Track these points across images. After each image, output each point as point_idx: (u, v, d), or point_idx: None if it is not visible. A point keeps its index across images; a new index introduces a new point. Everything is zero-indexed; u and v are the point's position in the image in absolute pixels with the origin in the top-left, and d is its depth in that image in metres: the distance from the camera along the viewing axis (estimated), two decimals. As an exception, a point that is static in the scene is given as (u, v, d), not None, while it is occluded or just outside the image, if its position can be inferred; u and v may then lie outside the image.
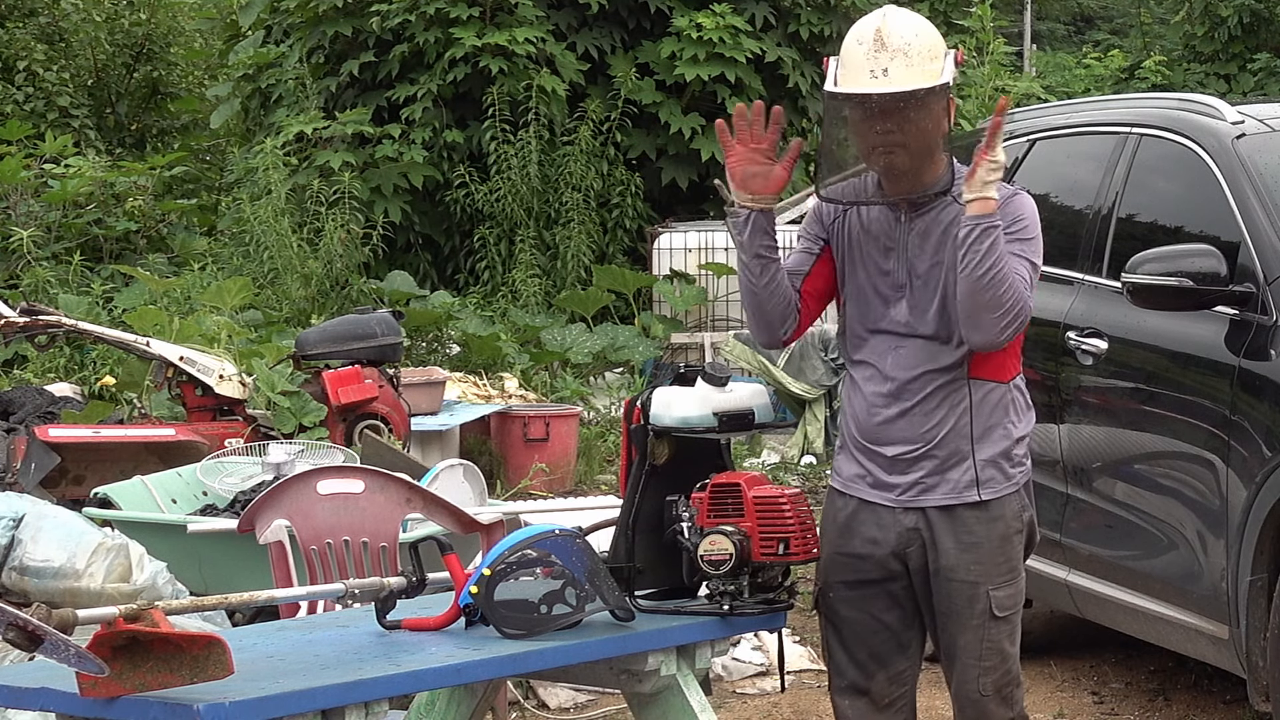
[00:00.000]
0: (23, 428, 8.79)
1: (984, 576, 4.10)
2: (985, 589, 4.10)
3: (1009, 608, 4.14)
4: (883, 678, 4.24)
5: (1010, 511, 4.13)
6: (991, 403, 4.11)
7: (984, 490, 4.10)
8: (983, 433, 4.11)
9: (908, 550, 4.15)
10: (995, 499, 4.11)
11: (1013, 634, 4.17)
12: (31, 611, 3.44)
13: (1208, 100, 6.09)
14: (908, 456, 4.13)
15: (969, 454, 4.10)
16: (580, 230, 14.01)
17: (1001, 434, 4.12)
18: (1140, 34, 25.95)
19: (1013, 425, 4.14)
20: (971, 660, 4.13)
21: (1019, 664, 4.20)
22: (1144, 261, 5.51)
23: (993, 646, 4.12)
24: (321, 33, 14.80)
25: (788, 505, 4.16)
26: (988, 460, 4.11)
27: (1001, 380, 4.12)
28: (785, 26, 15.12)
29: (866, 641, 4.23)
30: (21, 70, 16.34)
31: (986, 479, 4.11)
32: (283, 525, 5.25)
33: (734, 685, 6.65)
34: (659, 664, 4.12)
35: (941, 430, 4.09)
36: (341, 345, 9.46)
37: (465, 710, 4.39)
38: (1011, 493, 4.13)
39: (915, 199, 4.10)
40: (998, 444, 4.11)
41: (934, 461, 4.11)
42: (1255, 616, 5.17)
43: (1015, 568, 4.16)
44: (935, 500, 4.11)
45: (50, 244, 13.60)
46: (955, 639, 4.15)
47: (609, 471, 10.48)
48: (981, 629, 4.11)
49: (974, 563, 4.10)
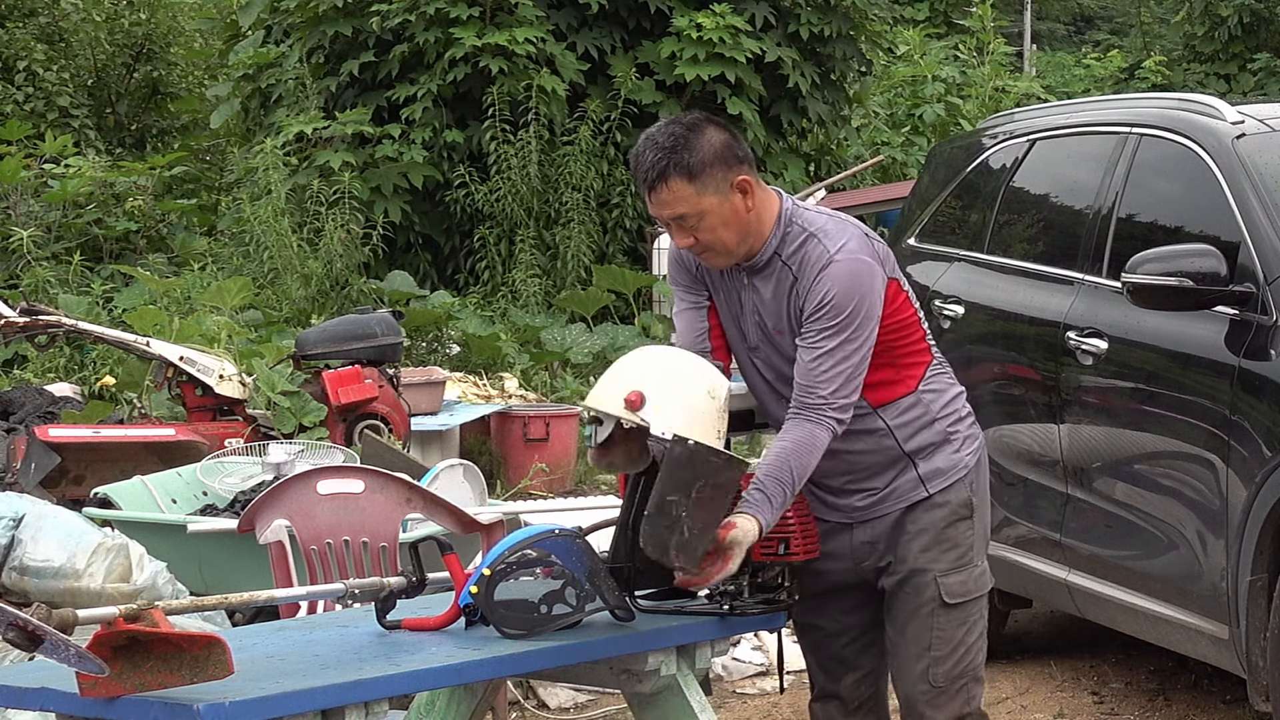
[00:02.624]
0: (23, 428, 8.79)
1: (931, 562, 4.08)
2: (933, 575, 4.07)
3: (960, 595, 4.09)
4: (850, 680, 4.25)
5: (957, 498, 4.11)
6: (909, 416, 4.08)
7: (931, 484, 4.10)
8: (913, 444, 4.09)
9: (864, 564, 4.17)
10: (940, 491, 4.10)
11: (969, 624, 4.11)
12: (31, 611, 3.44)
13: (1208, 100, 6.09)
14: (848, 487, 4.14)
15: (909, 466, 4.10)
16: (580, 230, 14.02)
17: (934, 432, 4.10)
18: (1140, 34, 25.98)
19: (940, 419, 4.10)
20: (919, 650, 4.08)
21: (979, 660, 4.14)
22: (1144, 261, 5.51)
23: (943, 635, 4.08)
24: (321, 33, 14.80)
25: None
26: (928, 458, 4.10)
27: (907, 392, 4.08)
28: (785, 26, 15.12)
29: (829, 645, 4.26)
30: (21, 70, 16.34)
31: (932, 473, 4.10)
32: (283, 525, 5.25)
33: (734, 685, 6.65)
34: (659, 664, 4.12)
35: (869, 459, 4.09)
36: (341, 345, 9.46)
37: (465, 710, 4.38)
38: (959, 479, 4.11)
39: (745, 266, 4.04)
40: (933, 442, 4.10)
41: (875, 483, 4.11)
42: (1255, 616, 5.17)
43: (965, 553, 4.11)
44: (889, 509, 4.11)
45: (50, 244, 13.60)
46: (904, 630, 4.11)
47: (609, 471, 10.47)
48: (930, 617, 4.07)
49: (920, 550, 4.08)
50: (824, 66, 15.46)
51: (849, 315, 3.90)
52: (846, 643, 4.24)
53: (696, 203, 3.92)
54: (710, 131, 3.94)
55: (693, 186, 3.90)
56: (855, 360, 3.91)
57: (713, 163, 3.90)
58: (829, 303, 3.90)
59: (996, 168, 7.04)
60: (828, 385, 3.91)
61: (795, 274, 3.97)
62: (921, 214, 7.42)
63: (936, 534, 4.08)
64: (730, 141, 3.95)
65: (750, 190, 3.94)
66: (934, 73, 17.27)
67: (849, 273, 3.91)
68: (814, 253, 3.94)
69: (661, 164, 3.90)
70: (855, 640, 4.24)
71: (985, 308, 6.66)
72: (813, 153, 15.92)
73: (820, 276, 3.92)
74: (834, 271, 3.91)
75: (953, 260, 7.01)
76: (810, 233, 3.97)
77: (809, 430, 3.92)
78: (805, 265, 3.95)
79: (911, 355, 4.08)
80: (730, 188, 3.92)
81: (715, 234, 3.96)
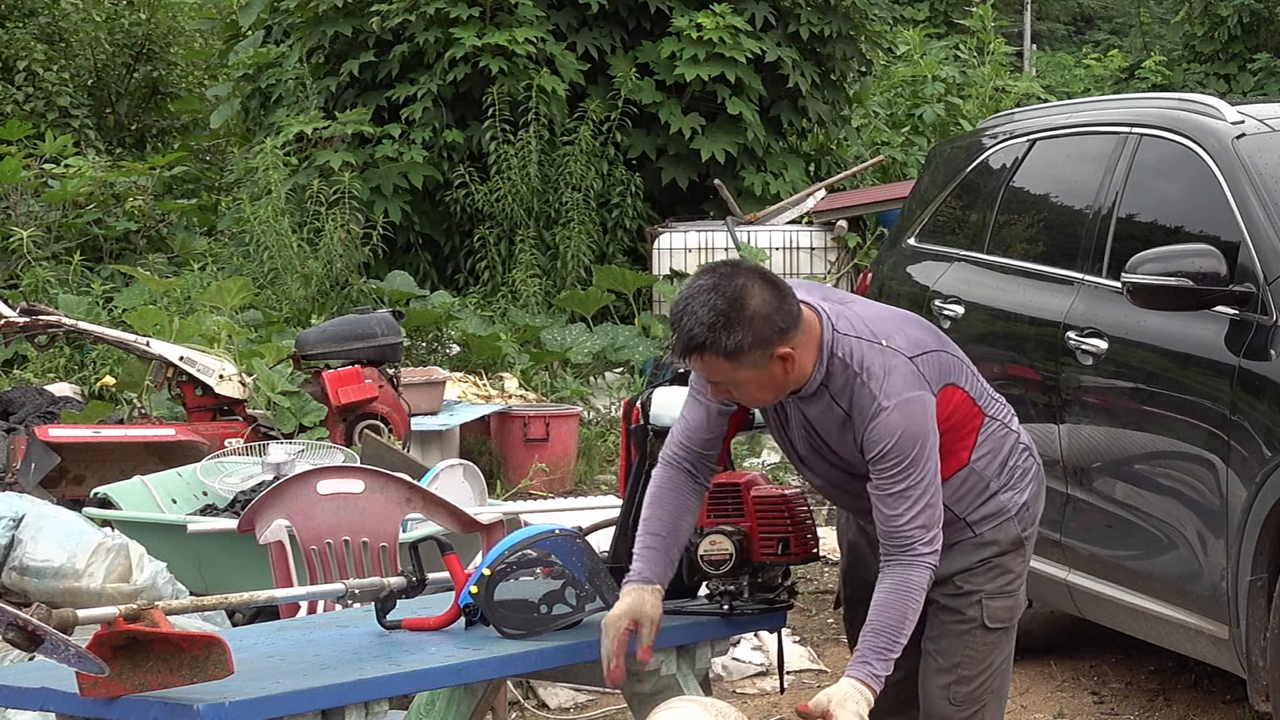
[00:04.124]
0: (23, 428, 8.79)
1: (979, 584, 4.09)
2: (980, 597, 4.09)
3: (1002, 620, 4.11)
4: (895, 678, 4.22)
5: (1006, 536, 4.12)
6: (964, 488, 4.07)
7: (978, 528, 4.10)
8: (968, 509, 4.08)
9: None
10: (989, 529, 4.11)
11: (1001, 651, 4.12)
12: (31, 611, 3.45)
13: (1208, 100, 6.09)
14: None
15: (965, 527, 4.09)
16: (580, 230, 14.01)
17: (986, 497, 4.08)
18: (1140, 34, 25.96)
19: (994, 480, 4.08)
20: (947, 664, 4.09)
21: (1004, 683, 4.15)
22: (1144, 261, 5.51)
23: (974, 656, 4.09)
24: (321, 33, 14.80)
25: (787, 505, 4.16)
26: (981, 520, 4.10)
27: (960, 467, 4.05)
28: (785, 26, 15.11)
29: None
30: (21, 70, 16.33)
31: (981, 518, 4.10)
32: (283, 525, 5.25)
33: (734, 685, 6.65)
34: (659, 664, 4.12)
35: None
36: (341, 345, 9.46)
37: (465, 710, 4.39)
38: (1007, 519, 4.11)
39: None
40: (987, 506, 4.09)
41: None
42: (1255, 616, 5.17)
43: (1013, 581, 4.13)
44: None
45: (50, 244, 13.59)
46: (938, 641, 4.11)
47: (609, 471, 10.48)
48: (968, 635, 4.09)
49: (969, 573, 4.09)
50: (824, 66, 15.45)
51: (912, 458, 3.86)
52: None
53: (733, 375, 3.86)
54: (754, 304, 3.80)
55: (729, 364, 3.82)
56: (928, 491, 3.88)
57: (752, 345, 3.80)
58: (889, 451, 3.86)
59: (996, 168, 7.04)
60: (910, 526, 3.88)
61: (848, 412, 3.91)
62: (921, 214, 7.42)
63: (986, 561, 4.09)
64: (773, 313, 3.82)
65: (791, 359, 3.86)
66: (934, 73, 17.25)
67: (902, 417, 3.86)
68: (862, 399, 3.88)
69: (699, 340, 3.80)
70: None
71: (985, 308, 6.65)
72: (813, 153, 15.91)
73: (873, 426, 3.87)
74: (888, 421, 3.86)
75: (953, 260, 7.01)
76: (855, 372, 3.90)
77: (902, 575, 3.89)
78: (856, 408, 3.90)
79: (963, 431, 4.04)
80: (769, 361, 3.84)
81: (751, 395, 3.94)
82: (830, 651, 6.99)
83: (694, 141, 14.64)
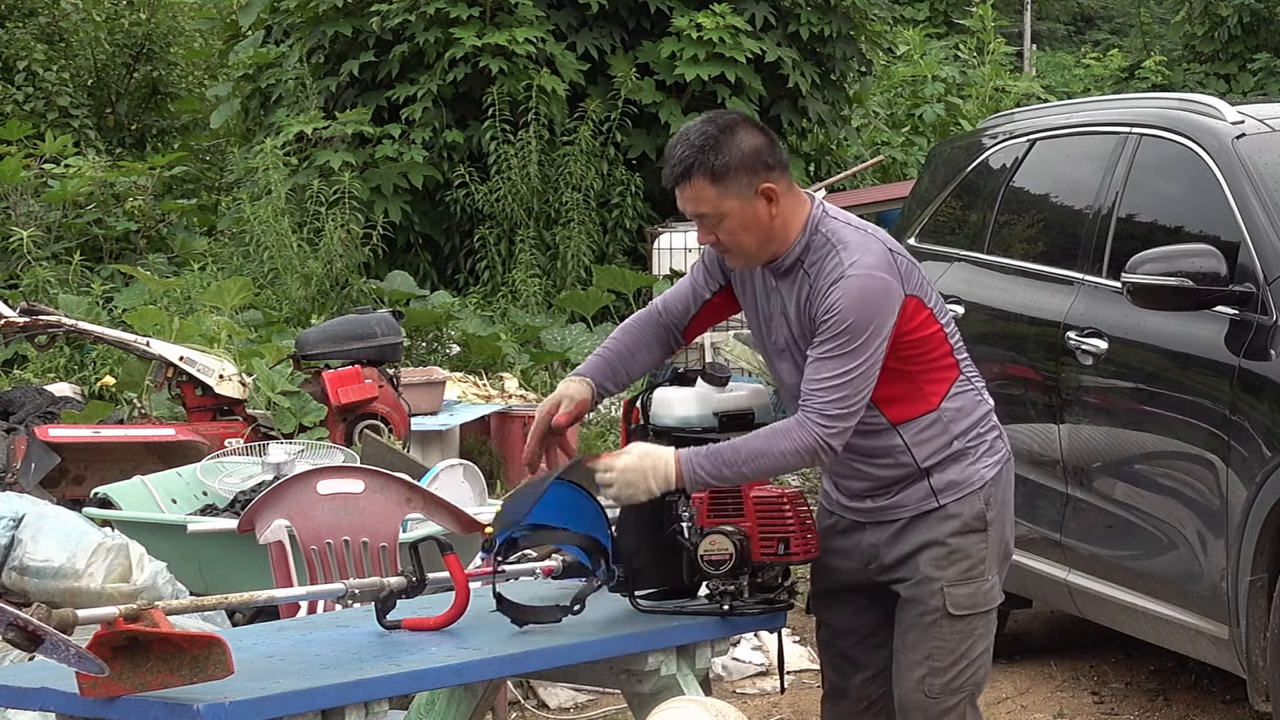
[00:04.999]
0: (23, 428, 8.79)
1: (939, 572, 4.07)
2: (940, 585, 4.07)
3: (966, 607, 4.08)
4: (858, 679, 4.26)
5: (969, 510, 4.10)
6: (928, 433, 4.07)
7: (943, 496, 4.09)
8: (930, 459, 4.08)
9: (869, 566, 4.18)
10: (953, 501, 4.10)
11: (973, 638, 4.09)
12: (31, 611, 3.44)
13: (1208, 100, 6.09)
14: (865, 493, 4.15)
15: (923, 478, 4.09)
16: (580, 230, 14.01)
17: (951, 449, 4.08)
18: (1140, 34, 25.97)
19: (960, 438, 4.08)
20: (918, 659, 4.08)
21: (980, 676, 4.13)
22: (1144, 261, 5.51)
23: (944, 646, 4.07)
24: (321, 33, 14.80)
25: (787, 505, 4.16)
26: (943, 471, 4.09)
27: (929, 410, 4.06)
28: (785, 26, 15.11)
29: (841, 643, 4.28)
30: (21, 70, 16.33)
31: (945, 485, 4.09)
32: (283, 525, 5.25)
33: (734, 685, 6.65)
34: (659, 664, 4.12)
35: (887, 474, 4.10)
36: (341, 345, 9.46)
37: (465, 710, 4.39)
38: (973, 491, 4.10)
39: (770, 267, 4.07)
40: (951, 458, 4.09)
41: (888, 494, 4.12)
42: (1255, 616, 5.17)
43: (975, 566, 4.10)
44: (897, 515, 4.12)
45: (50, 244, 13.59)
46: (905, 635, 4.11)
47: (609, 471, 10.47)
48: (933, 626, 4.07)
49: (930, 559, 4.08)
50: (824, 66, 15.45)
51: (852, 329, 3.88)
52: (855, 642, 4.25)
53: (718, 204, 3.95)
54: (743, 135, 3.95)
55: (715, 189, 3.93)
56: (854, 376, 3.88)
57: (739, 168, 3.92)
58: (834, 315, 3.89)
59: (996, 168, 7.04)
60: (820, 395, 3.90)
61: (812, 283, 3.96)
62: (921, 214, 7.43)
63: (946, 544, 4.08)
64: (762, 147, 3.95)
65: (775, 198, 3.95)
66: (934, 73, 17.26)
67: (860, 288, 3.89)
68: (830, 264, 3.93)
69: (688, 161, 3.94)
70: (864, 640, 4.24)
71: (985, 308, 6.66)
72: (813, 153, 15.91)
73: (831, 289, 3.90)
74: (845, 285, 3.89)
75: (953, 260, 7.02)
76: (832, 244, 3.96)
77: (786, 426, 3.94)
78: (821, 275, 3.94)
79: (934, 371, 4.06)
80: (755, 193, 3.93)
81: (735, 237, 3.99)
82: (830, 651, 6.98)
83: (694, 141, 14.62)
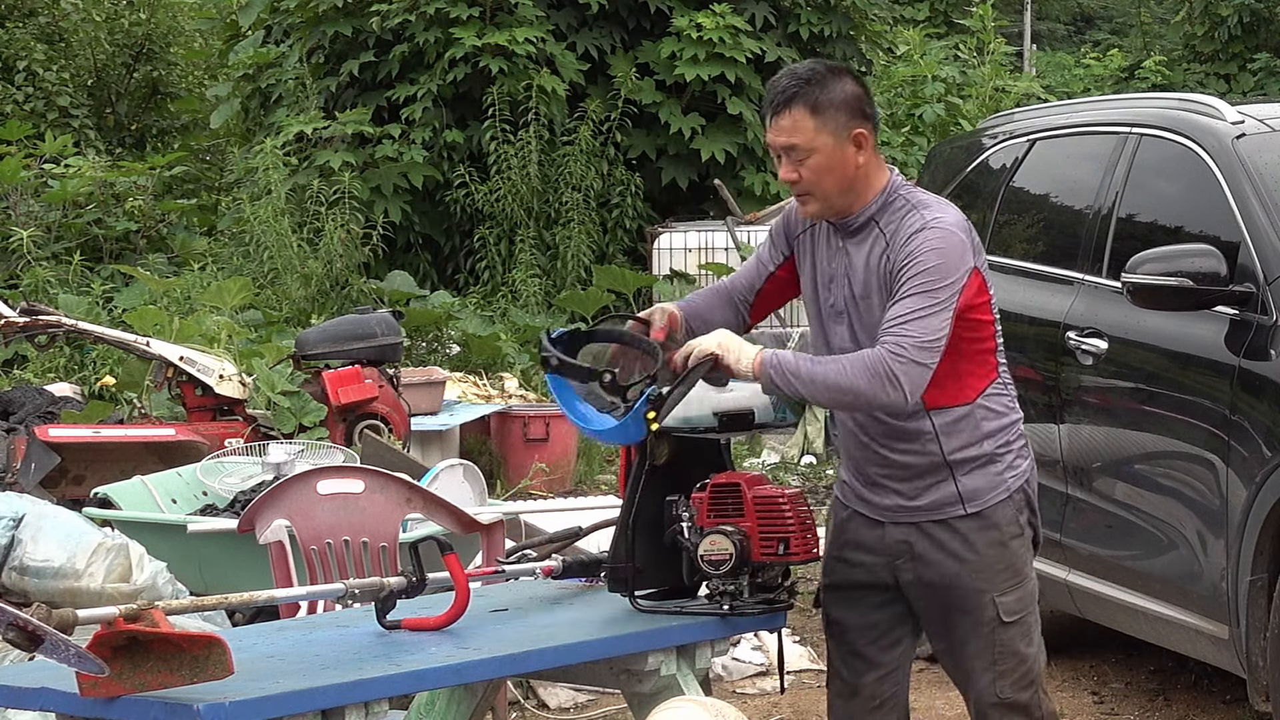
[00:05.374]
0: (23, 428, 8.79)
1: (988, 584, 4.08)
2: (990, 596, 4.09)
3: (1018, 610, 4.12)
4: (872, 677, 4.24)
5: (1004, 518, 4.10)
6: (959, 426, 4.07)
7: (970, 504, 4.09)
8: (956, 454, 4.07)
9: (897, 563, 4.15)
10: (985, 509, 4.09)
11: (1026, 634, 4.14)
12: (31, 611, 3.44)
13: (1208, 100, 6.09)
14: (885, 481, 4.14)
15: (948, 476, 4.08)
16: (580, 230, 14.02)
17: (979, 450, 4.08)
18: (1140, 34, 25.97)
19: (989, 439, 4.09)
20: (985, 666, 4.11)
21: (1040, 662, 4.18)
22: (1144, 261, 5.51)
23: (1005, 649, 4.11)
24: (321, 33, 14.80)
25: (788, 505, 4.16)
26: (969, 474, 4.08)
27: (965, 402, 4.07)
28: (785, 26, 15.12)
29: (854, 641, 4.25)
30: (21, 70, 16.34)
31: (971, 493, 4.09)
32: (283, 525, 5.25)
33: (734, 685, 6.65)
34: (659, 664, 4.12)
35: (910, 460, 4.09)
36: (341, 345, 9.46)
37: (465, 710, 4.39)
38: (1002, 499, 4.10)
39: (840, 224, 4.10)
40: (977, 459, 4.08)
41: (911, 485, 4.11)
42: (1255, 616, 5.17)
43: (1019, 571, 4.13)
44: (922, 517, 4.11)
45: (50, 244, 13.60)
46: (965, 646, 4.13)
47: (609, 471, 10.48)
48: (992, 635, 4.10)
49: (974, 572, 4.08)
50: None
51: (936, 271, 3.92)
52: (870, 640, 4.24)
53: (812, 138, 4.00)
54: (848, 80, 4.05)
55: (814, 120, 3.99)
56: (934, 313, 3.91)
57: (839, 106, 4.00)
58: (919, 258, 3.94)
59: (996, 168, 7.04)
60: (900, 326, 3.90)
61: (888, 240, 4.01)
62: (921, 214, 7.42)
63: (991, 557, 4.09)
64: (862, 96, 4.05)
65: (864, 145, 4.03)
66: (934, 73, 17.26)
67: (943, 239, 3.96)
68: (910, 219, 4.00)
69: (792, 90, 4.00)
70: (879, 638, 4.23)
71: (985, 308, 6.65)
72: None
73: (914, 237, 3.97)
74: (928, 234, 3.96)
75: (953, 260, 7.00)
76: (911, 204, 4.04)
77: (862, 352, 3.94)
78: (900, 231, 4.00)
79: (977, 361, 4.07)
80: (848, 136, 4.00)
81: (819, 176, 4.02)
82: (830, 651, 6.98)
83: (694, 141, 14.64)
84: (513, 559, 4.45)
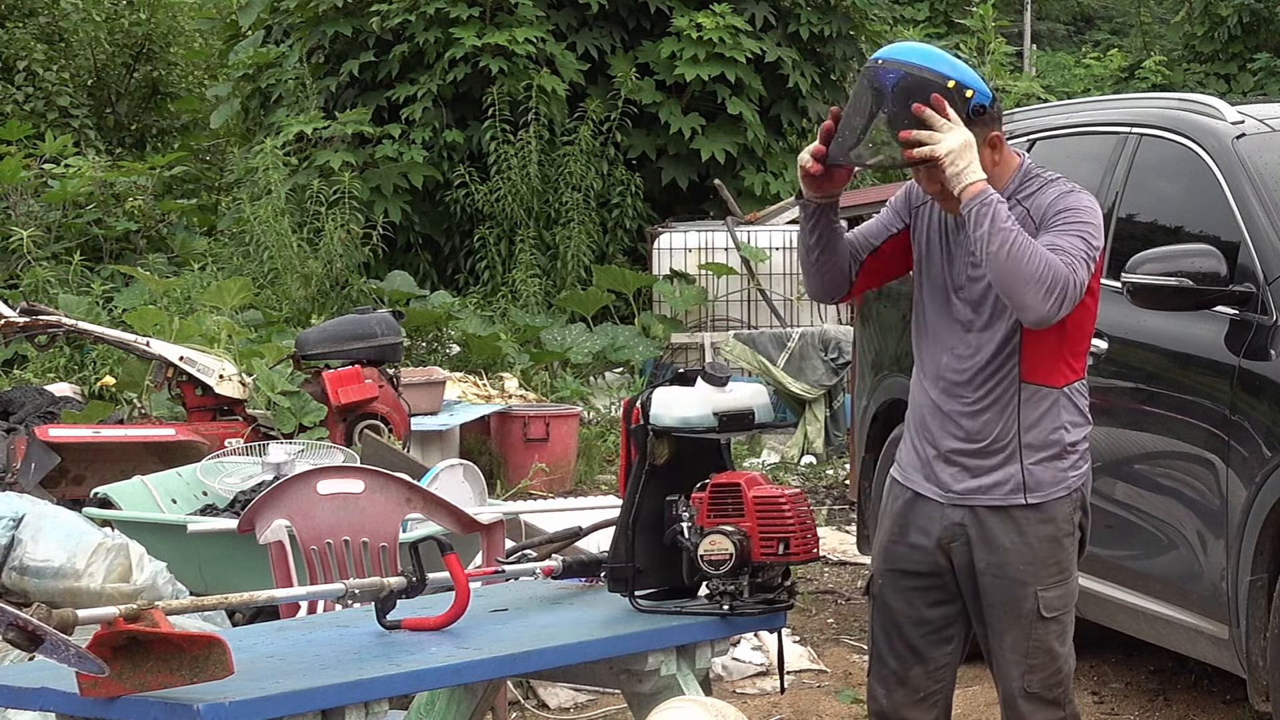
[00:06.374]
0: (23, 428, 8.79)
1: (1033, 577, 4.09)
2: (1034, 589, 4.09)
3: (1058, 608, 4.13)
4: (920, 671, 4.23)
5: (1061, 514, 4.12)
6: (1041, 406, 4.09)
7: (1031, 495, 4.09)
8: (1031, 434, 4.09)
9: (952, 545, 4.14)
10: (1045, 502, 4.10)
11: (1062, 634, 4.15)
12: (31, 611, 3.44)
13: (1208, 100, 6.09)
14: (956, 453, 4.13)
15: (1016, 455, 4.09)
16: (580, 230, 14.02)
17: (1052, 438, 4.10)
18: (1140, 34, 25.96)
19: (1065, 430, 4.11)
20: (1018, 658, 4.12)
21: (1071, 665, 4.19)
22: (1144, 261, 5.51)
23: (1040, 645, 4.12)
24: (321, 33, 14.81)
25: (787, 505, 4.16)
26: (1036, 463, 4.09)
27: (1053, 385, 4.09)
28: (785, 26, 15.12)
29: (908, 634, 4.22)
30: (21, 70, 16.35)
31: (1035, 484, 4.10)
32: (283, 525, 5.25)
33: (734, 685, 6.65)
34: (659, 664, 4.12)
35: (990, 429, 4.09)
36: (341, 345, 9.47)
37: (465, 710, 4.39)
38: (1062, 496, 4.12)
39: None
40: (1047, 448, 4.10)
41: (982, 460, 4.10)
42: (1255, 616, 5.17)
43: (1065, 569, 4.14)
44: (982, 500, 4.11)
45: (50, 244, 13.60)
46: (1002, 637, 4.14)
47: (609, 471, 10.48)
48: (1029, 628, 4.10)
49: (1023, 563, 4.09)
50: (824, 66, 15.46)
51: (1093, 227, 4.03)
52: (925, 634, 4.22)
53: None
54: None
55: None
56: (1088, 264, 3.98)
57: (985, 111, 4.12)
58: (1075, 210, 4.05)
59: (996, 168, 7.03)
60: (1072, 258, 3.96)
61: (1027, 209, 4.09)
62: (921, 214, 7.42)
63: (1042, 550, 4.10)
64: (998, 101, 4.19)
65: (999, 146, 4.15)
66: (934, 73, 17.23)
67: (1091, 204, 4.10)
68: (1052, 189, 4.12)
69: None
70: (934, 633, 4.22)
71: (985, 308, 6.65)
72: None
73: (1064, 197, 4.09)
74: (1080, 197, 4.10)
75: (953, 260, 7.01)
76: (1048, 179, 4.15)
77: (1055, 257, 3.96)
78: (1043, 197, 4.10)
79: (1073, 350, 4.12)
80: (983, 141, 4.10)
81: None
82: (830, 651, 6.98)
83: (694, 141, 14.64)
84: (513, 559, 4.45)
